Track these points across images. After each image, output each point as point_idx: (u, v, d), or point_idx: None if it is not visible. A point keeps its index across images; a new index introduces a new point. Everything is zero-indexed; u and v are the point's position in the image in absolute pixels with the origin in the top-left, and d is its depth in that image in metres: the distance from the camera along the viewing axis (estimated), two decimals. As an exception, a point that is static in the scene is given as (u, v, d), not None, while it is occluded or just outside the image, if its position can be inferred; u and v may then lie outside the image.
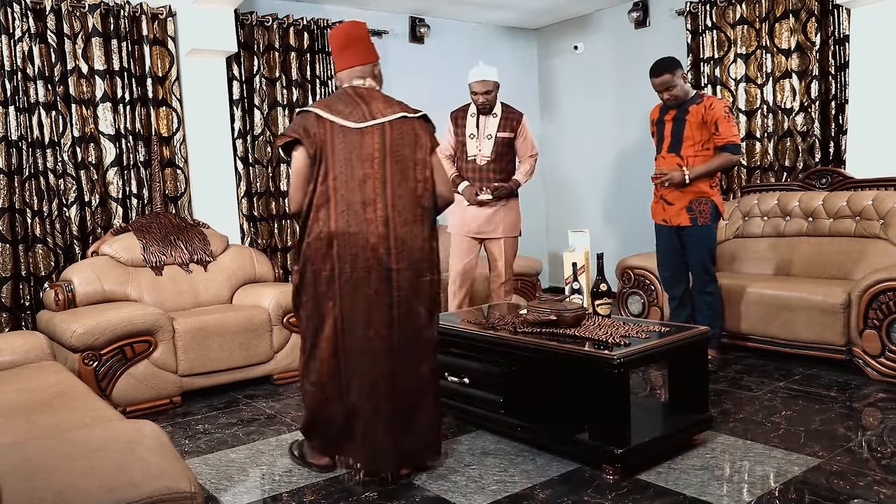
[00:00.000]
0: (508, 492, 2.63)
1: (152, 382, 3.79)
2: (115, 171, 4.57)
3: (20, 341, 3.29)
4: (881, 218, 4.24)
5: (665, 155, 4.05)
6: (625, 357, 2.61)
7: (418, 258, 2.67)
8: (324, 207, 2.61)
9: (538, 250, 6.87)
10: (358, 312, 2.61)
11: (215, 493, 2.75)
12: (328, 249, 2.60)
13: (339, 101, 2.73)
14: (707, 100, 3.96)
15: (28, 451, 1.85)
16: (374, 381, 2.63)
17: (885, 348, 3.69)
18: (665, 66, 3.96)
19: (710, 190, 3.96)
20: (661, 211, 4.10)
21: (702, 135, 3.93)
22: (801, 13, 4.94)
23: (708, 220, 3.95)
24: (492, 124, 4.38)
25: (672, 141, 4.01)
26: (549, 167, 7.08)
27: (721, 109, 3.88)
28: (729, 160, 3.93)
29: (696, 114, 3.93)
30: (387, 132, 2.67)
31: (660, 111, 4.13)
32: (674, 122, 4.02)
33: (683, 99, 3.98)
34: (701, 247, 4.01)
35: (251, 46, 5.19)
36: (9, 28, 4.24)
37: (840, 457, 2.79)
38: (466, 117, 4.43)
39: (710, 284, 4.05)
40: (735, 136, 3.90)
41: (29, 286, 4.34)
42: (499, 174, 4.39)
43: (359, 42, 2.83)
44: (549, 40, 6.93)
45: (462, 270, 4.50)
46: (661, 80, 3.96)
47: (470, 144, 4.40)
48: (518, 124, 4.43)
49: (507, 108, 4.46)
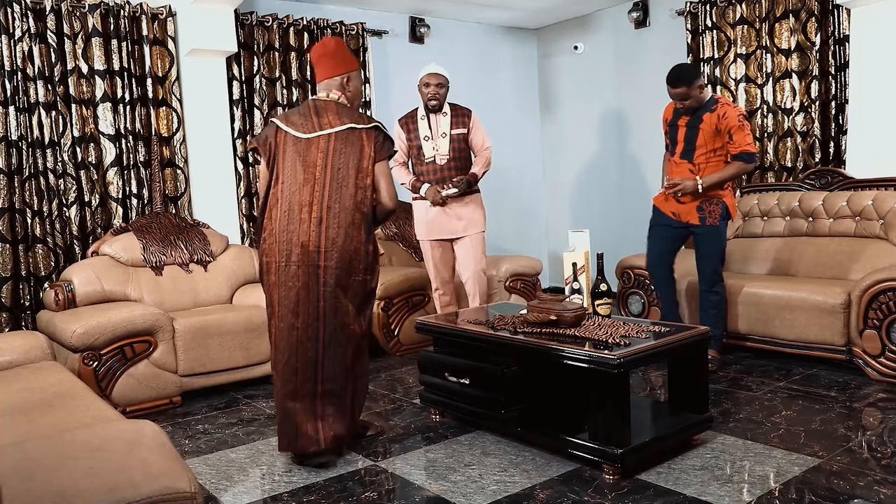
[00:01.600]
0: (508, 492, 2.63)
1: (152, 382, 3.79)
2: (115, 171, 4.57)
3: (20, 341, 3.29)
4: (881, 218, 4.24)
5: (677, 161, 4.02)
6: (625, 357, 2.60)
7: (351, 259, 2.91)
8: (275, 208, 2.97)
9: (538, 250, 6.87)
10: (290, 303, 2.89)
11: (215, 493, 2.75)
12: (274, 245, 2.94)
13: (296, 112, 3.08)
14: (721, 108, 3.88)
15: (28, 451, 1.85)
16: (295, 368, 2.89)
17: (885, 348, 3.69)
18: (682, 78, 3.86)
19: (723, 191, 3.95)
20: (672, 205, 4.08)
21: (715, 143, 3.89)
22: (801, 13, 4.94)
23: (717, 221, 3.94)
24: (444, 123, 4.38)
25: (685, 147, 3.99)
26: (550, 167, 7.08)
27: (735, 118, 3.83)
28: (742, 169, 3.91)
29: (710, 122, 3.88)
30: (331, 142, 2.96)
31: (674, 113, 4.08)
32: (687, 128, 3.98)
33: (698, 107, 3.93)
34: (711, 246, 4.00)
35: (251, 46, 5.19)
36: (9, 28, 4.24)
37: (840, 457, 2.79)
38: (417, 121, 4.42)
39: (717, 284, 4.05)
40: (750, 144, 3.86)
41: (29, 286, 4.34)
42: (460, 172, 4.39)
43: (328, 57, 3.10)
44: (549, 40, 6.93)
45: (439, 276, 4.50)
46: (678, 91, 3.87)
47: (426, 146, 4.39)
48: (469, 119, 4.43)
49: (455, 106, 4.45)
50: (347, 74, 3.09)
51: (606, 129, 6.48)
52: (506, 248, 6.41)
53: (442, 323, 3.51)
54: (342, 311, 2.91)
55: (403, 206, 5.67)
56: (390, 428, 3.41)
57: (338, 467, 2.94)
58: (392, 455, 3.07)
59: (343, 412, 2.96)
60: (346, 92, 3.10)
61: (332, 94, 3.06)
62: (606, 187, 6.52)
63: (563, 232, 6.48)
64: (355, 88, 3.14)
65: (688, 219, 4.01)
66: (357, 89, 3.15)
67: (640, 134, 6.13)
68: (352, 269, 2.91)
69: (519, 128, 6.90)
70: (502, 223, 6.44)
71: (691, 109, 3.94)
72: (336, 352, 2.91)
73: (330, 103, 3.04)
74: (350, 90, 3.11)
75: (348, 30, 5.62)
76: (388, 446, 3.17)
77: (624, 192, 6.32)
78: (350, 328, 2.94)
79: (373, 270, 3.01)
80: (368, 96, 5.72)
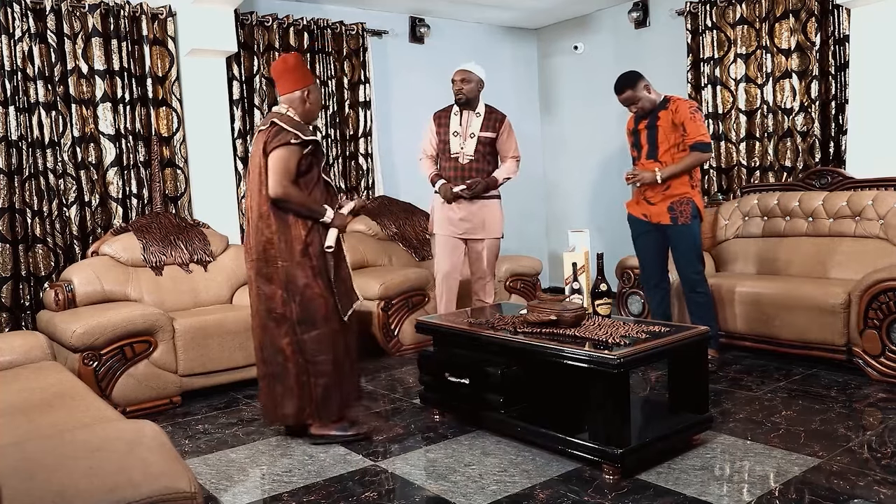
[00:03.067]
0: (508, 492, 2.63)
1: (152, 382, 3.79)
2: (115, 171, 4.57)
3: (20, 341, 3.29)
4: (881, 218, 4.24)
5: (644, 162, 4.08)
6: (625, 357, 2.60)
7: (265, 249, 3.20)
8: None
9: (538, 250, 6.87)
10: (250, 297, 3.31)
11: (215, 493, 2.75)
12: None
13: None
14: (673, 103, 3.99)
15: (28, 451, 1.86)
16: (253, 352, 3.35)
17: (885, 348, 3.69)
18: (625, 82, 4.02)
19: (691, 190, 4.00)
20: (643, 208, 4.11)
21: (675, 138, 3.96)
22: (801, 13, 4.94)
23: (689, 220, 3.96)
24: (475, 123, 4.38)
25: (649, 148, 4.05)
26: (550, 167, 7.08)
27: (686, 111, 3.93)
28: (699, 158, 3.96)
29: (666, 118, 3.98)
30: (254, 146, 3.30)
31: (634, 121, 4.17)
32: (648, 129, 4.05)
33: (651, 107, 4.02)
34: (686, 244, 4.00)
35: (251, 46, 5.19)
36: (9, 28, 4.24)
37: (840, 457, 2.79)
38: (450, 116, 4.43)
39: (700, 284, 4.03)
40: (703, 134, 3.92)
41: (29, 286, 4.34)
42: (481, 174, 4.38)
43: (289, 73, 3.31)
44: (549, 40, 6.93)
45: (447, 271, 4.48)
46: (623, 96, 4.03)
47: (453, 142, 4.38)
48: (501, 125, 4.42)
49: (490, 108, 4.45)
50: (307, 88, 3.30)
51: (606, 129, 6.48)
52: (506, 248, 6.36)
53: (442, 323, 3.51)
54: (268, 298, 3.20)
55: (404, 206, 5.68)
56: (390, 428, 3.41)
57: (338, 467, 2.95)
58: (392, 455, 3.07)
59: (289, 392, 3.20)
60: (307, 104, 3.30)
61: (283, 107, 3.28)
62: (606, 187, 6.51)
63: (563, 232, 6.48)
64: (315, 100, 3.34)
65: (658, 219, 4.03)
66: (317, 100, 3.36)
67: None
68: (268, 258, 3.19)
69: (519, 128, 6.84)
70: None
71: (647, 111, 4.02)
72: (269, 336, 3.22)
73: (274, 114, 3.26)
74: (311, 102, 3.31)
75: (348, 30, 5.62)
76: (388, 446, 3.17)
77: (624, 192, 6.30)
78: (276, 312, 3.20)
79: (291, 256, 3.18)
80: (368, 96, 5.72)
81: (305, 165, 3.21)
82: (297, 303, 3.18)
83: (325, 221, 3.21)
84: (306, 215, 3.19)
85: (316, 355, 3.20)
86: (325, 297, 3.21)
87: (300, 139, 3.15)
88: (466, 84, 4.32)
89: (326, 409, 3.23)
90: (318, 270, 3.21)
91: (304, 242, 3.18)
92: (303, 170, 3.20)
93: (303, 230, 3.18)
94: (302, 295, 3.18)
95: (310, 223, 3.20)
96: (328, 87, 5.53)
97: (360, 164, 5.73)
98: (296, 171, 3.16)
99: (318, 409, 3.22)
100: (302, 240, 3.18)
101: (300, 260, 3.17)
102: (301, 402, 3.21)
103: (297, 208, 3.17)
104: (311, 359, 3.20)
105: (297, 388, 3.20)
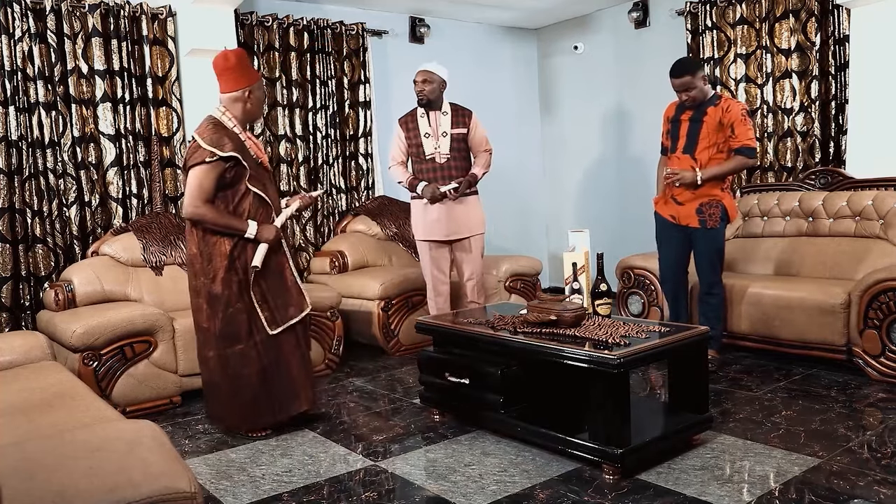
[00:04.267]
0: (508, 492, 2.63)
1: (152, 382, 3.79)
2: (115, 171, 4.57)
3: (20, 341, 3.29)
4: (881, 218, 4.24)
5: (679, 156, 4.00)
6: (625, 357, 2.60)
7: (191, 263, 3.29)
8: None
9: (538, 250, 6.87)
10: None
11: (215, 493, 2.75)
12: None
13: None
14: (725, 101, 3.90)
15: (28, 451, 1.85)
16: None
17: (885, 348, 3.69)
18: (686, 67, 3.90)
19: (721, 192, 3.94)
20: (671, 208, 4.08)
21: (718, 137, 3.88)
22: (801, 13, 4.94)
23: (717, 223, 3.93)
24: (444, 122, 4.38)
25: (687, 142, 3.96)
26: (550, 167, 7.08)
27: (738, 112, 3.84)
28: (743, 163, 3.91)
29: (714, 116, 3.88)
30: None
31: (676, 109, 4.07)
32: (690, 122, 3.96)
33: (702, 100, 3.93)
34: (710, 249, 3.98)
35: (251, 46, 5.19)
36: (9, 28, 4.24)
37: (840, 457, 2.79)
38: (416, 119, 4.42)
39: (715, 286, 4.04)
40: (751, 139, 3.86)
41: (29, 286, 4.34)
42: (460, 171, 4.38)
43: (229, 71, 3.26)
44: (549, 40, 6.93)
45: (435, 278, 4.49)
46: (681, 81, 3.89)
47: (426, 143, 4.38)
48: (469, 120, 4.42)
49: (455, 106, 4.45)
50: (248, 88, 3.26)
51: (606, 129, 6.48)
52: (506, 248, 6.40)
53: (442, 323, 3.51)
54: (196, 310, 3.30)
55: (404, 206, 5.68)
56: (390, 428, 3.41)
57: (338, 467, 2.95)
58: (392, 455, 3.07)
59: (217, 399, 3.36)
60: (247, 105, 3.28)
61: (219, 109, 3.28)
62: (606, 187, 6.52)
63: (563, 232, 6.48)
64: (256, 100, 3.31)
65: (687, 222, 4.00)
66: (258, 100, 3.34)
67: (641, 134, 6.13)
68: (194, 272, 3.27)
69: (519, 128, 6.90)
70: (502, 223, 6.43)
71: (695, 103, 3.93)
72: (198, 346, 3.35)
73: (206, 119, 3.29)
74: (251, 102, 3.29)
75: (348, 30, 5.62)
76: (388, 446, 3.17)
77: (624, 192, 6.32)
78: (202, 325, 3.28)
79: (207, 274, 3.21)
80: (368, 96, 5.72)
81: (230, 178, 3.18)
82: (220, 318, 3.22)
83: (248, 237, 3.18)
84: (226, 233, 3.17)
85: (240, 369, 3.26)
86: (249, 312, 3.23)
87: (216, 157, 3.11)
88: (428, 85, 4.32)
89: (253, 421, 3.32)
90: (244, 285, 3.21)
91: (230, 258, 3.19)
92: (227, 183, 3.18)
93: (228, 245, 3.19)
94: (224, 311, 3.21)
95: (235, 237, 3.19)
96: (328, 87, 5.52)
97: (360, 164, 5.73)
98: (214, 187, 3.15)
99: (246, 420, 3.32)
100: (226, 255, 3.18)
101: (224, 276, 3.19)
102: (230, 411, 3.33)
103: (213, 227, 3.17)
104: (236, 373, 3.26)
105: (225, 399, 3.31)
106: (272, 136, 5.30)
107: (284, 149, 5.33)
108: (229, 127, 3.24)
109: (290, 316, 3.31)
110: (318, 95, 5.46)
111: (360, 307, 4.87)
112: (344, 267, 5.20)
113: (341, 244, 5.32)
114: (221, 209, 3.18)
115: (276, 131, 5.31)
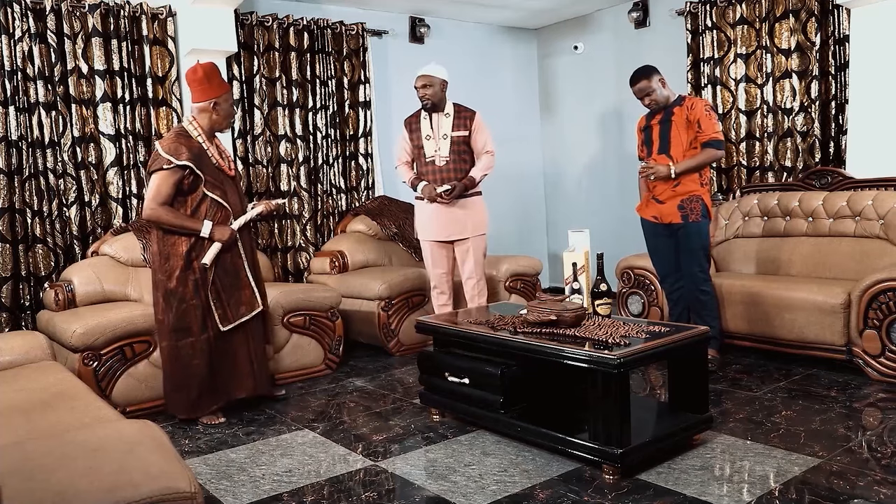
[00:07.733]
0: (508, 492, 2.63)
1: (152, 382, 3.79)
2: (115, 171, 4.57)
3: (20, 341, 3.29)
4: (881, 218, 4.24)
5: (656, 157, 4.08)
6: (625, 357, 2.61)
7: (152, 260, 3.56)
8: None
9: (538, 250, 6.87)
10: None
11: (215, 493, 2.75)
12: None
13: None
14: (689, 101, 4.02)
15: (28, 451, 1.85)
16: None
17: (885, 348, 3.69)
18: (641, 72, 4.06)
19: (700, 188, 4.00)
20: (653, 209, 4.12)
21: (688, 135, 3.98)
22: (801, 13, 4.94)
23: (699, 217, 3.97)
24: (445, 124, 4.38)
25: (661, 144, 4.06)
26: (550, 167, 7.08)
27: (702, 108, 3.96)
28: (713, 155, 3.99)
29: (681, 115, 3.99)
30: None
31: (646, 118, 4.19)
32: (660, 125, 4.06)
33: (665, 103, 4.05)
34: (694, 243, 4.01)
35: (251, 46, 5.19)
36: (9, 28, 4.24)
37: (840, 457, 2.79)
38: (420, 120, 4.43)
39: (704, 283, 4.04)
40: (717, 132, 3.95)
41: (29, 286, 4.34)
42: (459, 174, 4.38)
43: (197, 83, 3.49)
44: (549, 40, 6.93)
45: (438, 277, 4.50)
46: (638, 86, 4.05)
47: (427, 146, 4.39)
48: (472, 122, 4.41)
49: (459, 107, 4.45)
50: (215, 100, 3.49)
51: (606, 129, 6.48)
52: (506, 248, 6.40)
53: (442, 323, 3.51)
54: (155, 304, 3.55)
55: (404, 206, 5.68)
56: (390, 428, 3.41)
57: (338, 467, 2.95)
58: (392, 455, 3.07)
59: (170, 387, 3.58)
60: (213, 116, 3.52)
61: (188, 118, 3.55)
62: (606, 187, 6.51)
63: (563, 232, 6.47)
64: (224, 112, 3.54)
65: (670, 219, 4.04)
66: (226, 112, 3.56)
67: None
68: (154, 269, 3.54)
69: (519, 128, 6.90)
70: (502, 223, 6.43)
71: (660, 107, 4.04)
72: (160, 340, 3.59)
73: (174, 128, 3.58)
74: (217, 114, 3.52)
75: (348, 30, 5.62)
76: (388, 446, 3.17)
77: (624, 193, 6.31)
78: (158, 318, 3.55)
79: (164, 271, 3.48)
80: (368, 96, 5.72)
81: (189, 185, 3.47)
82: (174, 313, 3.48)
83: (203, 236, 3.46)
84: (182, 232, 3.45)
85: (190, 360, 3.52)
86: (204, 308, 3.50)
87: (172, 164, 3.38)
88: (429, 89, 4.33)
89: (202, 408, 3.57)
90: (200, 283, 3.49)
91: (186, 258, 3.47)
92: (186, 189, 3.47)
93: (185, 246, 3.47)
94: (178, 306, 3.48)
95: (193, 238, 3.46)
96: (328, 87, 5.52)
97: (360, 164, 5.73)
98: (172, 191, 3.43)
99: (196, 408, 3.57)
100: (182, 255, 3.46)
101: (180, 274, 3.46)
102: (180, 399, 3.55)
103: (169, 228, 3.46)
104: (186, 363, 3.52)
105: (175, 387, 3.55)
106: (272, 136, 5.30)
107: (284, 149, 5.33)
108: (194, 136, 3.51)
109: (242, 314, 3.61)
110: (318, 95, 5.46)
111: (360, 307, 4.87)
112: (344, 267, 5.20)
113: (341, 244, 5.32)
114: (179, 211, 3.47)
115: (276, 131, 5.31)
